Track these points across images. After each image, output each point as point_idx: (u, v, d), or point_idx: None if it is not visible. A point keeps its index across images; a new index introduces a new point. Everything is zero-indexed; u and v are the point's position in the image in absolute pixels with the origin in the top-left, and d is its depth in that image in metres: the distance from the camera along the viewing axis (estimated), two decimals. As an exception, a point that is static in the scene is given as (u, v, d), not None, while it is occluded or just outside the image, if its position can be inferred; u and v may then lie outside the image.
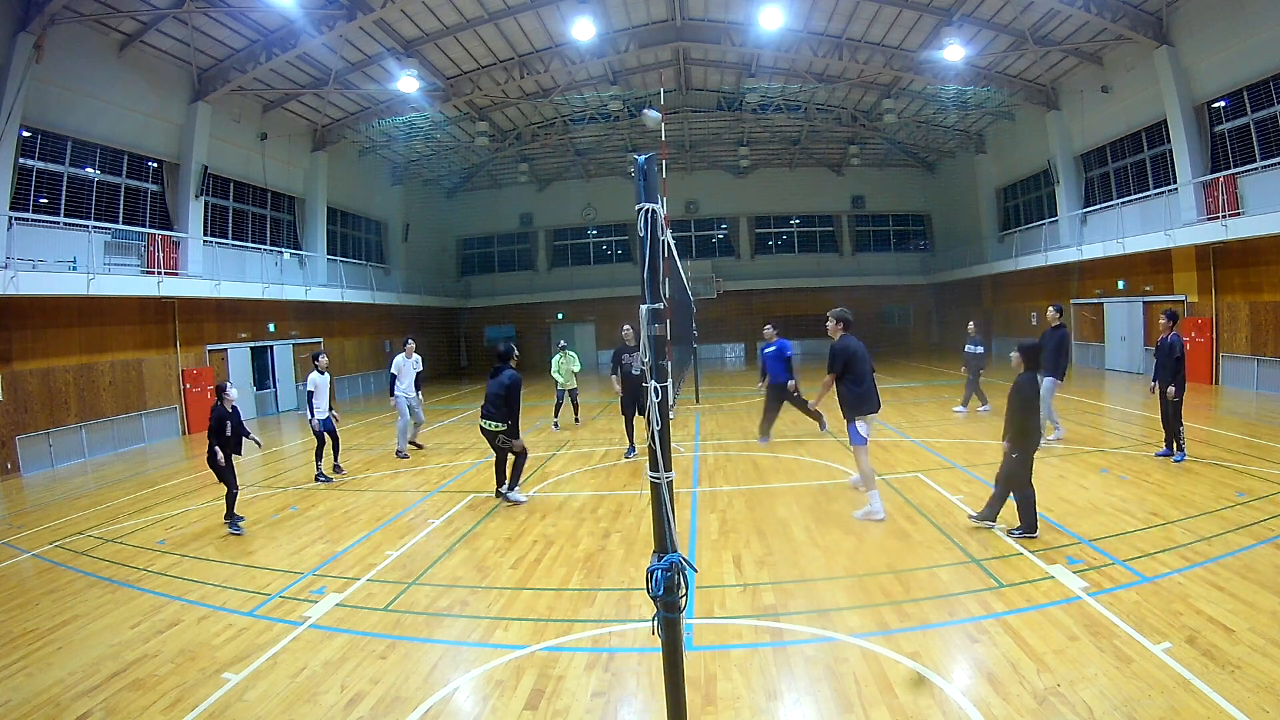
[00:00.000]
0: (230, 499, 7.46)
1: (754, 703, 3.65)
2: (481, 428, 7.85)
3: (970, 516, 6.29)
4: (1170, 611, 4.31)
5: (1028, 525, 5.83)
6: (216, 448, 7.25)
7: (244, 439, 7.62)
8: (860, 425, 6.60)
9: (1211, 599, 4.44)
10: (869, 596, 4.89)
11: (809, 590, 5.13)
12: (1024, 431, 5.84)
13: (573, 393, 13.87)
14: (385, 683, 4.04)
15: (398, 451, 11.42)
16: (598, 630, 4.65)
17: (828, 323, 6.80)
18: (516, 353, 8.13)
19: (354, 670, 4.21)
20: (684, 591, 2.95)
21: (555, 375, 13.69)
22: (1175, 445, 8.18)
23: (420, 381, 11.36)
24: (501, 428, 7.67)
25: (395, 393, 11.11)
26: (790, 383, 10.26)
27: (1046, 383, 9.52)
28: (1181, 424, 8.16)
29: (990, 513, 6.07)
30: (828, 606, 4.80)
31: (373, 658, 4.36)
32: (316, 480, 9.75)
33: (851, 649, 4.14)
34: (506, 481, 8.06)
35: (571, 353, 13.77)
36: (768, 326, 10.77)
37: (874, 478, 6.76)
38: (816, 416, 10.34)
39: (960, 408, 12.63)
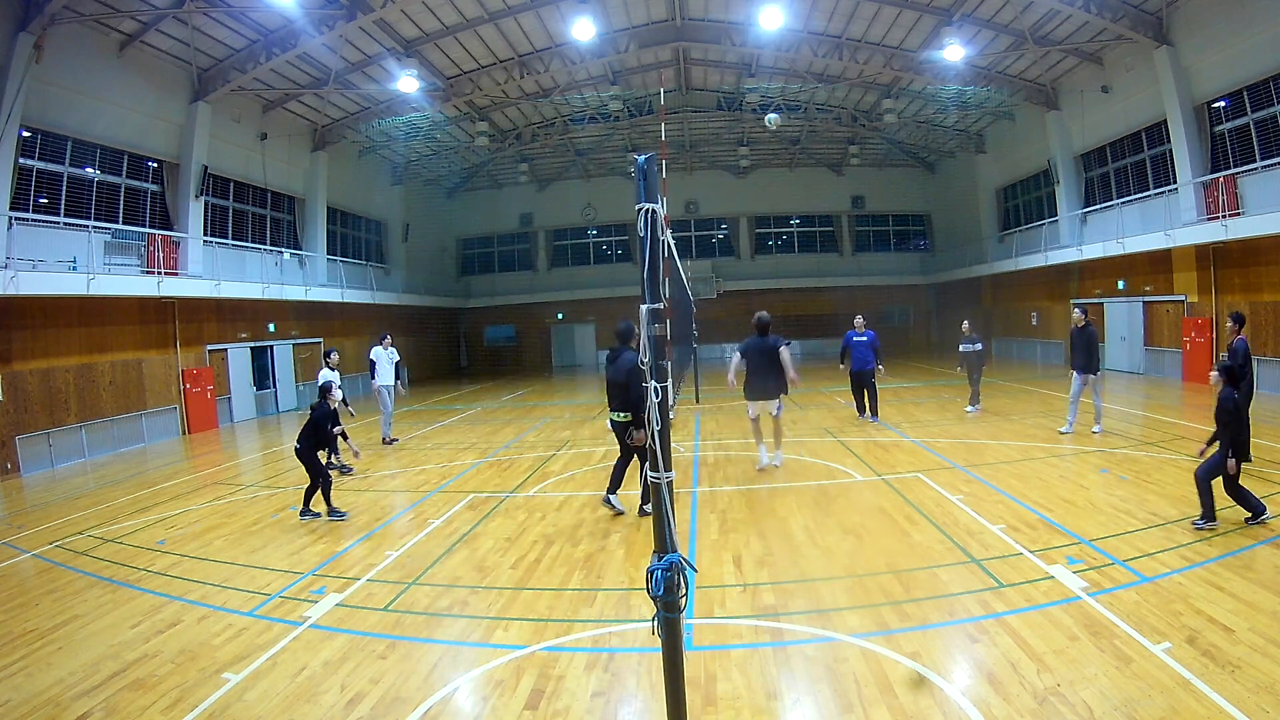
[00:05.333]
0: None
1: (754, 703, 3.65)
2: (610, 420, 7.36)
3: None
4: (1170, 611, 4.31)
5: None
6: None
7: None
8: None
9: (1211, 599, 4.44)
10: (869, 596, 4.89)
11: (809, 590, 5.13)
12: None
13: None
14: (385, 683, 4.04)
15: (384, 438, 12.39)
16: (598, 630, 4.65)
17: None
18: (638, 332, 7.23)
19: (354, 670, 4.21)
20: (684, 591, 2.95)
21: None
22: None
23: (400, 372, 12.55)
24: (627, 418, 7.00)
25: (375, 381, 12.20)
26: (878, 368, 12.05)
27: (1079, 378, 10.04)
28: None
29: None
30: (828, 606, 4.80)
31: (373, 658, 4.36)
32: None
33: (851, 649, 4.14)
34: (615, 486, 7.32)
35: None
36: (858, 318, 12.46)
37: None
38: (875, 405, 12.22)
39: (971, 407, 12.53)
